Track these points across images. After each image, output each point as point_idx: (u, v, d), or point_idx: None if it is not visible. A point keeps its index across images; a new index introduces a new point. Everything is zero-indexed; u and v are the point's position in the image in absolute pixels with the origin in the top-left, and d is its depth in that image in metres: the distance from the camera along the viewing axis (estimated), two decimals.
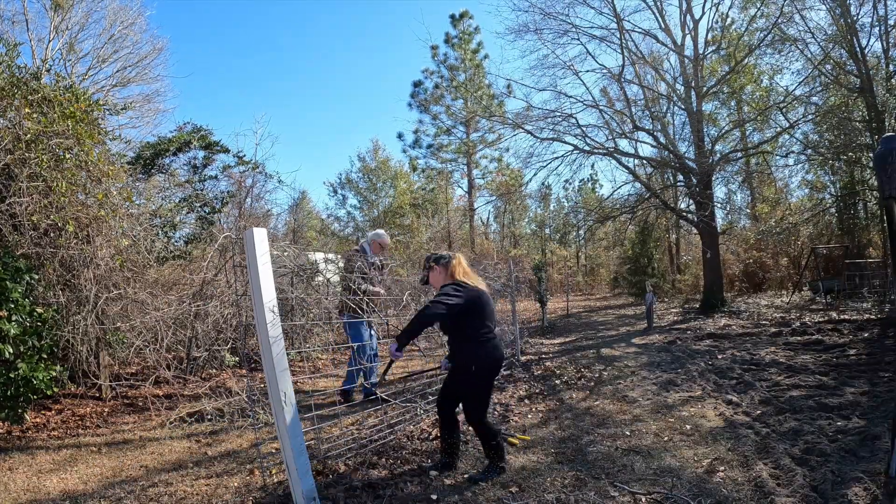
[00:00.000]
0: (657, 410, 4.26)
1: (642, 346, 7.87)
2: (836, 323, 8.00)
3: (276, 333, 2.58)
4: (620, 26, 11.74)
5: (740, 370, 5.47)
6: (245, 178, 10.07)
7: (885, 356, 5.50)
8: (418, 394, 4.50)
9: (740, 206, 20.95)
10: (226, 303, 6.08)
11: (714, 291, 11.96)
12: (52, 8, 14.84)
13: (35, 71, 5.70)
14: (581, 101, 12.30)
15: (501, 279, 7.62)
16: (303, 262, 3.80)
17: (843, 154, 11.57)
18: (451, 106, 23.70)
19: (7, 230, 4.43)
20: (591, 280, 30.64)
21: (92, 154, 4.94)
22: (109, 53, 16.41)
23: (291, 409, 2.59)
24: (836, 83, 11.20)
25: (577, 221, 18.08)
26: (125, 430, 4.43)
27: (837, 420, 3.61)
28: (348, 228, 26.00)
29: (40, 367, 3.99)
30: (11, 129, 4.45)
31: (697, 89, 12.11)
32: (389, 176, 25.62)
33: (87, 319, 4.72)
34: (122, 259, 5.17)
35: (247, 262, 2.66)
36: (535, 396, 4.99)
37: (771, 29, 11.27)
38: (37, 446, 3.99)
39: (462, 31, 23.60)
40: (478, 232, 27.14)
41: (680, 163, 12.41)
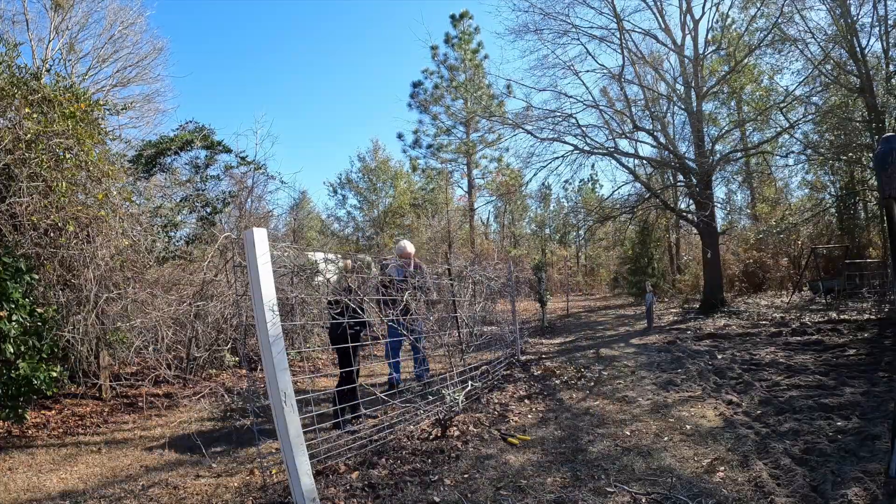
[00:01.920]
0: (657, 410, 4.26)
1: (642, 346, 7.87)
2: (835, 323, 8.00)
3: (276, 333, 2.59)
4: (620, 26, 11.74)
5: (740, 370, 5.48)
6: (246, 178, 10.07)
7: (885, 356, 5.50)
8: (418, 394, 4.50)
9: (740, 206, 20.96)
10: (226, 303, 6.08)
11: (714, 291, 11.96)
12: (53, 8, 14.84)
13: (35, 71, 5.70)
14: (581, 102, 12.31)
15: (501, 279, 7.62)
16: (302, 262, 3.78)
17: (843, 154, 11.56)
18: (451, 106, 23.68)
19: (7, 230, 4.44)
20: (590, 280, 30.65)
21: (92, 154, 4.95)
22: (109, 53, 16.42)
23: (291, 409, 2.59)
24: (836, 83, 11.20)
25: (577, 221, 18.09)
26: (125, 429, 4.43)
27: (837, 420, 3.61)
28: (348, 228, 26.01)
29: (41, 367, 3.99)
30: (11, 129, 4.45)
31: (697, 89, 12.11)
32: (389, 176, 25.63)
33: (87, 319, 4.72)
34: (122, 259, 5.17)
35: (247, 262, 2.66)
36: (534, 396, 4.99)
37: (771, 29, 11.26)
38: (37, 446, 3.99)
39: (462, 32, 23.58)
40: (478, 232, 27.13)
41: (680, 163, 12.41)
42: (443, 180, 24.83)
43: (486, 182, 25.11)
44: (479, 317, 6.07)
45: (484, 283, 6.10)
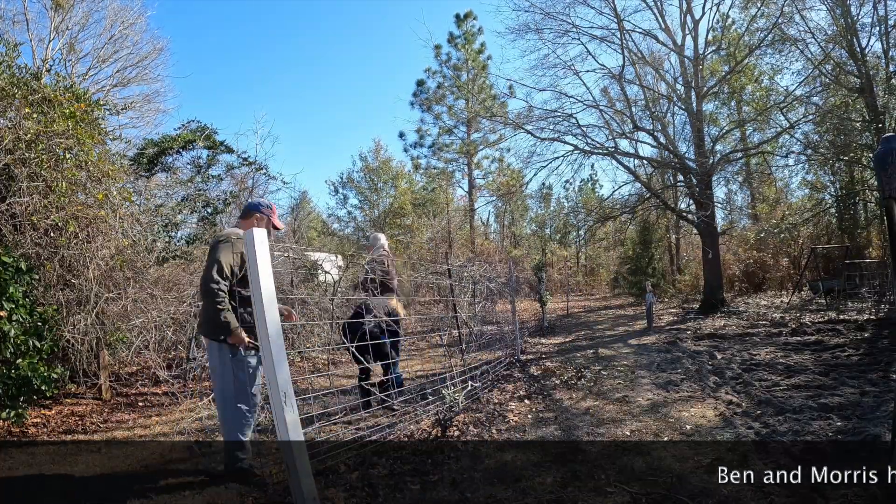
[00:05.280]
0: (656, 410, 4.26)
1: (642, 346, 7.87)
2: (835, 323, 7.99)
3: (276, 333, 2.59)
4: (621, 26, 11.74)
5: (740, 370, 5.47)
6: (247, 178, 10.08)
7: (885, 356, 5.50)
8: (418, 394, 4.50)
9: (740, 206, 20.94)
10: None
11: (714, 291, 11.95)
12: (53, 8, 14.85)
13: (35, 71, 5.71)
14: (581, 102, 12.31)
15: (501, 279, 7.63)
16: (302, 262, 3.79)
17: (843, 154, 11.56)
18: (454, 106, 23.67)
19: (7, 230, 4.44)
20: (590, 280, 30.63)
21: (92, 154, 4.95)
22: (110, 53, 16.43)
23: (291, 410, 2.59)
24: (836, 83, 11.20)
25: (578, 221, 18.08)
26: (125, 429, 4.43)
27: (837, 420, 3.61)
28: (349, 228, 25.99)
29: (41, 367, 3.99)
30: (12, 129, 4.45)
31: (698, 89, 12.11)
32: (391, 176, 25.60)
33: (87, 319, 4.72)
34: (122, 259, 5.17)
35: (247, 262, 2.66)
36: (534, 396, 5.00)
37: (771, 29, 11.27)
38: (37, 445, 3.99)
39: (466, 32, 23.57)
40: (478, 232, 27.13)
41: (680, 163, 12.41)
42: (444, 180, 24.83)
43: (487, 182, 25.11)
44: (479, 316, 6.08)
45: (483, 283, 6.10)
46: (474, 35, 23.62)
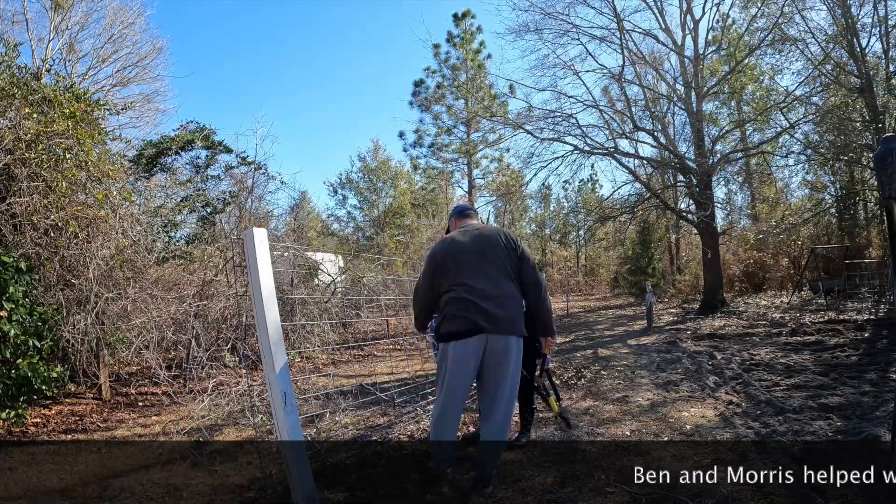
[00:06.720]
0: (656, 410, 4.26)
1: (642, 346, 7.87)
2: (835, 323, 8.00)
3: (276, 333, 2.59)
4: (621, 26, 11.74)
5: (739, 370, 5.48)
6: (247, 178, 10.08)
7: (884, 356, 5.50)
8: (418, 393, 4.50)
9: (740, 206, 20.97)
10: (226, 303, 6.08)
11: (714, 291, 11.95)
12: (52, 8, 14.84)
13: (35, 71, 5.72)
14: (581, 102, 12.31)
15: None
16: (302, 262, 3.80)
17: (843, 154, 11.56)
18: (453, 105, 23.66)
19: (7, 230, 4.44)
20: (590, 280, 30.62)
21: (92, 154, 4.95)
22: (109, 53, 16.40)
23: (291, 409, 2.59)
24: (836, 83, 11.20)
25: (577, 222, 18.10)
26: (125, 429, 4.44)
27: (837, 420, 3.61)
28: (348, 228, 26.01)
29: (41, 367, 3.99)
30: (12, 129, 4.45)
31: (698, 89, 12.11)
32: (390, 176, 25.61)
33: (87, 319, 4.72)
34: (122, 259, 5.17)
35: (247, 262, 2.66)
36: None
37: (771, 29, 11.27)
38: (36, 445, 3.99)
39: (464, 31, 23.54)
40: None
41: (680, 163, 12.41)
42: (443, 180, 24.82)
43: (487, 182, 25.09)
44: None
45: None
46: (473, 34, 23.59)
